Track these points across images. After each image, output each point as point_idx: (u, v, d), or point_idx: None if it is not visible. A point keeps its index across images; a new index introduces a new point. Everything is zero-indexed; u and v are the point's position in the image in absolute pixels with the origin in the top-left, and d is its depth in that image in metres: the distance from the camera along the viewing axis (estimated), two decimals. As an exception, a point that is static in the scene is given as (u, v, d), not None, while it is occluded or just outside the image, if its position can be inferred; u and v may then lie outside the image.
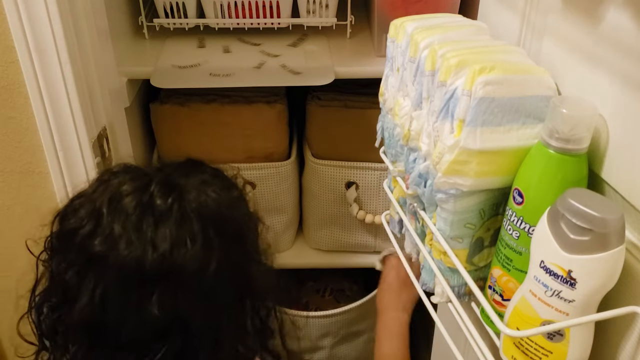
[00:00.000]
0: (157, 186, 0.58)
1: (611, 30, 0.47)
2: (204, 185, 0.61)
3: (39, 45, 0.70)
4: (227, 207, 0.61)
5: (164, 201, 0.57)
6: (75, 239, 0.57)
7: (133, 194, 0.58)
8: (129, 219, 0.56)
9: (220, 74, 0.91)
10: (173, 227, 0.56)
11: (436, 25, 0.62)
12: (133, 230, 0.56)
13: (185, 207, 0.58)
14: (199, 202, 0.59)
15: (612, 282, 0.45)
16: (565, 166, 0.48)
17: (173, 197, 0.58)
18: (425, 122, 0.58)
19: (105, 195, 0.58)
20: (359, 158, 1.02)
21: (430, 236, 0.61)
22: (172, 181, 0.60)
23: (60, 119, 0.75)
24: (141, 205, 0.57)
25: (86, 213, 0.58)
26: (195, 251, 0.56)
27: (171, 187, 0.59)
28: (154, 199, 0.57)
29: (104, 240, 0.56)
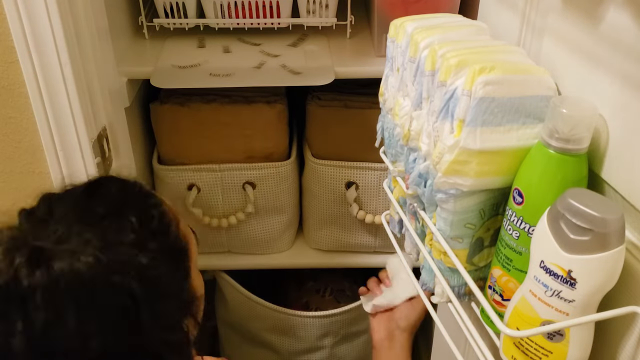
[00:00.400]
0: (22, 258, 0.49)
1: (611, 30, 0.47)
2: (81, 251, 0.50)
3: (39, 46, 0.70)
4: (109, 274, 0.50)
5: (30, 280, 0.48)
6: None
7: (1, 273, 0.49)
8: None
9: (220, 74, 0.91)
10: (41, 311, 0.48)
11: (436, 25, 0.62)
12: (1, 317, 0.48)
13: (53, 287, 0.48)
14: (72, 276, 0.49)
15: (612, 282, 0.45)
16: (565, 166, 0.48)
17: (39, 274, 0.48)
18: (425, 122, 0.58)
19: None
20: (359, 158, 1.02)
21: (430, 236, 0.61)
22: (40, 253, 0.50)
23: (60, 119, 0.75)
24: (7, 285, 0.48)
25: None
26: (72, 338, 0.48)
27: (37, 261, 0.49)
28: (20, 279, 0.48)
29: None
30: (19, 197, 0.82)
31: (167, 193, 1.06)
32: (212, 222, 1.06)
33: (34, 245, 0.51)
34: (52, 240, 0.51)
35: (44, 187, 0.80)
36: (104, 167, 0.80)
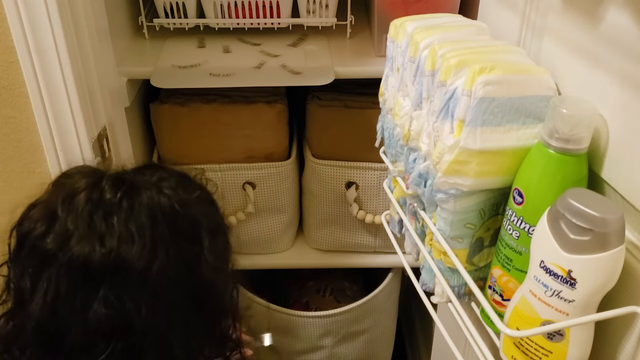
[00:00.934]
0: (108, 181, 0.57)
1: (611, 30, 0.47)
2: (159, 182, 0.59)
3: (39, 45, 0.70)
4: (182, 205, 0.59)
5: (113, 195, 0.56)
6: (29, 241, 0.56)
7: (85, 190, 0.56)
8: (80, 215, 0.55)
9: (220, 74, 0.91)
10: (121, 222, 0.55)
11: (436, 25, 0.62)
12: (83, 226, 0.55)
13: (134, 202, 0.56)
14: (150, 197, 0.57)
15: (612, 282, 0.45)
16: (565, 166, 0.48)
17: (122, 192, 0.56)
18: (425, 122, 0.58)
19: (59, 196, 0.57)
20: (359, 158, 1.02)
21: (430, 236, 0.61)
22: (124, 177, 0.58)
23: (60, 119, 0.75)
24: (92, 201, 0.56)
25: (40, 216, 0.57)
26: (142, 246, 0.55)
27: (122, 182, 0.57)
28: (105, 194, 0.56)
29: (55, 238, 0.55)
30: (19, 197, 0.82)
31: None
32: (212, 222, 1.06)
33: (117, 174, 0.59)
34: (132, 174, 0.60)
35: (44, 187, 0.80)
36: (104, 167, 0.80)
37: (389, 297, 1.20)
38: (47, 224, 0.56)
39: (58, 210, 0.56)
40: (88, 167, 0.63)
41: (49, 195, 0.60)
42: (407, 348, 1.56)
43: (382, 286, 1.15)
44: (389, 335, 1.27)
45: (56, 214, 0.56)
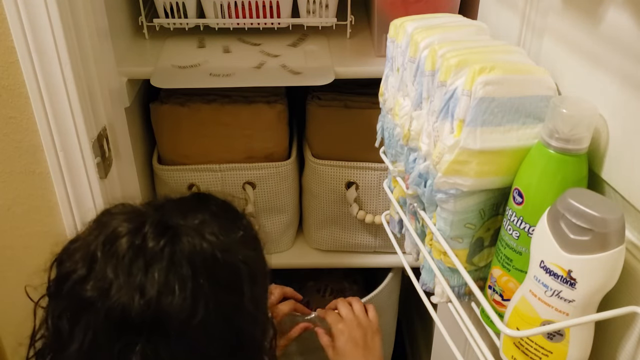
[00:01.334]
0: (150, 227, 0.56)
1: (611, 30, 0.47)
2: (201, 226, 0.57)
3: (39, 45, 0.70)
4: (224, 253, 0.57)
5: (156, 243, 0.54)
6: (69, 283, 0.56)
7: (127, 235, 0.55)
8: (121, 262, 0.54)
9: (220, 74, 0.91)
10: (162, 272, 0.54)
11: (436, 25, 0.62)
12: (124, 275, 0.54)
13: (176, 251, 0.55)
14: (193, 245, 0.55)
15: (612, 282, 0.45)
16: (565, 166, 0.48)
17: (165, 240, 0.55)
18: (425, 122, 0.58)
19: (100, 238, 0.56)
20: (359, 158, 1.02)
21: (430, 236, 0.61)
22: (167, 222, 0.57)
23: (60, 119, 0.75)
24: (133, 248, 0.55)
25: (80, 257, 0.56)
26: (183, 299, 0.53)
27: (165, 229, 0.56)
28: (147, 241, 0.55)
29: (96, 285, 0.54)
30: (19, 197, 0.82)
31: (167, 193, 1.06)
32: (212, 222, 1.06)
33: (160, 217, 0.57)
34: (174, 217, 0.58)
35: (44, 187, 0.80)
36: (104, 167, 0.80)
37: (389, 297, 1.20)
38: (88, 268, 0.55)
39: (98, 253, 0.55)
40: (131, 206, 0.60)
41: (90, 233, 0.58)
42: (407, 348, 1.56)
43: (382, 286, 1.15)
44: (389, 335, 1.27)
45: (96, 257, 0.55)
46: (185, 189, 1.04)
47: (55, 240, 0.85)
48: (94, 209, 0.81)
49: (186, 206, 0.61)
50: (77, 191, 0.80)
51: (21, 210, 0.83)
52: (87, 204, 0.81)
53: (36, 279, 0.62)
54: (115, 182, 0.85)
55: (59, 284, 0.58)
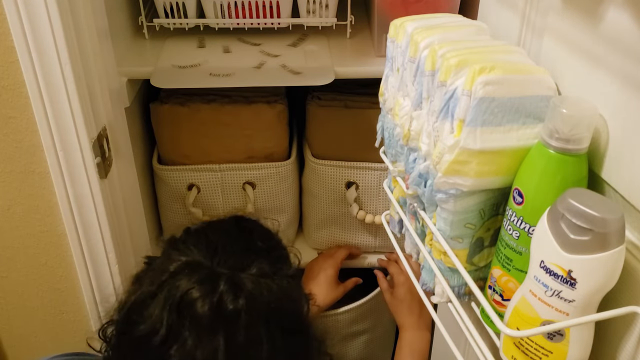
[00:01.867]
0: (225, 286, 0.59)
1: (611, 30, 0.47)
2: (265, 279, 0.61)
3: (39, 45, 0.70)
4: (288, 301, 0.62)
5: (234, 305, 0.58)
6: (149, 345, 0.58)
7: (202, 298, 0.58)
8: (201, 325, 0.57)
9: (220, 74, 0.91)
10: (242, 333, 0.58)
11: (436, 25, 0.62)
12: (206, 337, 0.57)
13: (252, 310, 0.58)
14: (263, 300, 0.60)
15: (612, 282, 0.45)
16: (565, 166, 0.48)
17: (241, 300, 0.58)
18: (425, 122, 0.58)
19: (174, 300, 0.59)
20: (359, 158, 1.02)
21: (430, 236, 0.61)
22: (237, 280, 0.60)
23: (60, 119, 0.75)
24: (211, 311, 0.58)
25: (157, 318, 0.59)
26: (264, 353, 0.58)
27: (237, 287, 0.59)
28: (225, 304, 0.58)
29: (179, 348, 0.57)
30: (19, 197, 0.82)
31: (167, 193, 1.06)
32: (212, 222, 1.06)
33: (226, 273, 0.60)
34: (233, 268, 0.61)
35: (44, 187, 0.80)
36: (104, 167, 0.80)
37: (389, 297, 1.20)
38: (166, 331, 0.58)
39: (174, 318, 0.58)
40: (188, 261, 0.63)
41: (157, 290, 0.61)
42: (407, 348, 1.56)
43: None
44: (389, 335, 1.27)
45: (173, 321, 0.58)
46: (185, 189, 1.04)
47: (55, 240, 0.86)
48: (94, 209, 0.81)
49: (239, 244, 0.65)
50: (77, 191, 0.80)
51: (21, 210, 0.83)
52: (87, 204, 0.81)
53: None
54: (115, 182, 0.85)
55: (134, 344, 0.61)
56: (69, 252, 0.87)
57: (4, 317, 0.93)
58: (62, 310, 0.93)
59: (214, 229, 0.69)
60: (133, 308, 0.62)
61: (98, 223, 0.83)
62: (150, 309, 0.60)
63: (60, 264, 0.88)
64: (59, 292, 0.91)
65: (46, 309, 0.93)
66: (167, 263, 0.63)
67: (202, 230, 0.69)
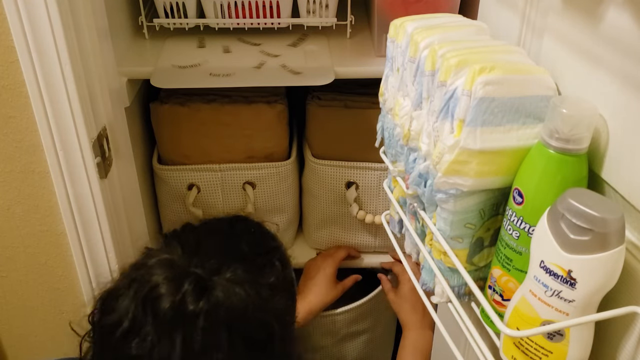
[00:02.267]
0: (189, 286, 0.58)
1: (611, 30, 0.47)
2: (235, 283, 0.60)
3: (39, 45, 0.70)
4: (257, 311, 0.60)
5: (195, 306, 0.58)
6: (114, 335, 0.59)
7: (166, 295, 0.58)
8: (162, 323, 0.57)
9: (220, 74, 0.91)
10: (200, 336, 0.57)
11: (436, 25, 0.62)
12: (164, 336, 0.57)
13: (214, 314, 0.58)
14: (229, 308, 0.59)
15: (612, 282, 0.45)
16: (565, 166, 0.48)
17: (203, 302, 0.58)
18: (425, 122, 0.58)
19: (140, 294, 0.59)
20: (359, 158, 1.02)
21: (430, 236, 0.61)
22: (204, 282, 0.59)
23: (60, 119, 0.75)
24: (172, 309, 0.58)
25: (124, 311, 0.59)
26: None
27: (202, 289, 0.59)
28: (186, 303, 0.58)
29: (139, 343, 0.58)
30: (19, 196, 0.82)
31: (167, 193, 1.06)
32: (212, 222, 1.06)
33: (196, 274, 0.60)
34: (208, 271, 0.60)
35: (44, 187, 0.80)
36: (104, 167, 0.80)
37: (389, 297, 1.20)
38: (130, 324, 0.58)
39: (140, 310, 0.58)
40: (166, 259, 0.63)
41: (130, 285, 0.61)
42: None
43: (382, 286, 1.15)
44: (389, 335, 1.27)
45: (137, 315, 0.58)
46: (185, 189, 1.04)
47: (55, 239, 0.86)
48: (94, 209, 0.81)
49: (223, 246, 0.65)
50: (77, 191, 0.80)
51: (21, 210, 0.83)
52: (87, 204, 0.81)
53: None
54: (115, 182, 0.85)
55: (103, 332, 0.62)
56: (68, 251, 0.87)
57: (4, 317, 0.93)
58: (62, 310, 0.93)
59: (206, 228, 0.69)
60: (108, 297, 0.62)
61: (98, 223, 0.83)
62: (121, 299, 0.60)
63: (60, 263, 0.88)
64: (59, 292, 0.91)
65: (46, 308, 0.93)
66: (148, 257, 0.63)
67: (196, 228, 0.69)
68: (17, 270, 0.89)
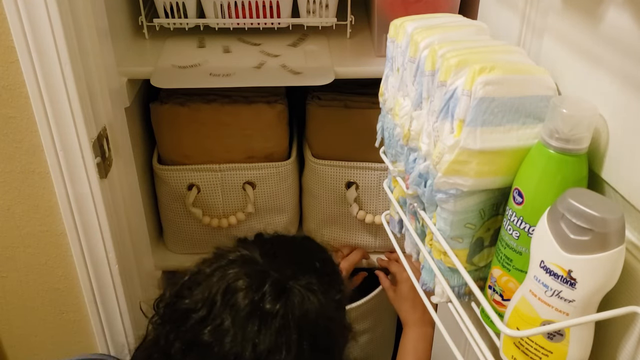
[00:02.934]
0: (269, 287, 0.63)
1: (611, 30, 0.47)
2: (310, 290, 0.65)
3: (39, 45, 0.70)
4: (326, 320, 0.65)
5: (272, 306, 0.62)
6: (188, 320, 0.62)
7: (246, 290, 0.62)
8: (239, 315, 0.61)
9: (220, 74, 0.91)
10: (274, 333, 0.61)
11: (436, 25, 0.62)
12: (239, 327, 0.61)
13: (289, 315, 0.62)
14: (303, 312, 0.63)
15: (612, 282, 0.45)
16: (565, 166, 0.48)
17: (281, 304, 0.62)
18: (425, 122, 0.58)
19: (221, 285, 0.63)
20: (359, 158, 1.02)
21: (430, 236, 0.61)
22: (283, 284, 0.64)
23: (60, 119, 0.75)
24: (252, 304, 0.61)
25: (201, 298, 0.63)
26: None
27: (281, 291, 0.63)
28: (264, 302, 0.62)
29: (213, 330, 0.61)
30: (19, 197, 0.82)
31: (167, 193, 1.06)
32: (212, 222, 1.06)
33: (276, 276, 0.64)
34: (285, 276, 0.65)
35: (44, 187, 0.80)
36: (104, 167, 0.80)
37: (389, 297, 1.20)
38: (206, 310, 0.62)
39: (218, 301, 0.62)
40: (249, 258, 0.67)
41: (211, 273, 0.65)
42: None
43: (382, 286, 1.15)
44: (389, 335, 1.27)
45: (215, 302, 0.62)
46: (185, 189, 1.04)
47: (55, 239, 0.86)
48: (94, 209, 0.82)
49: (298, 258, 0.70)
50: (77, 191, 0.80)
51: (21, 210, 0.83)
52: (87, 204, 0.81)
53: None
54: (115, 182, 0.85)
55: (176, 316, 0.65)
56: (68, 251, 0.87)
57: (4, 317, 0.93)
58: (62, 310, 0.93)
59: (279, 240, 0.74)
60: (186, 284, 0.66)
61: (98, 223, 0.83)
62: (199, 288, 0.64)
63: (60, 263, 0.88)
64: (59, 292, 0.91)
65: (46, 308, 0.93)
66: (228, 252, 0.68)
67: (271, 238, 0.75)
68: (17, 270, 0.89)
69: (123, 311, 0.92)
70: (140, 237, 0.97)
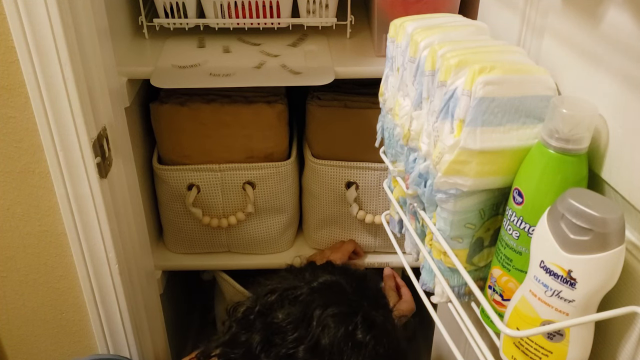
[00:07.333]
0: (361, 318, 0.68)
1: (611, 30, 0.47)
2: (387, 323, 0.71)
3: (39, 45, 0.70)
4: (398, 353, 0.71)
5: (363, 337, 0.67)
6: (281, 334, 0.66)
7: (340, 317, 0.67)
8: (334, 336, 0.65)
9: (220, 74, 0.91)
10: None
11: (436, 25, 0.62)
12: (336, 348, 0.65)
13: (378, 348, 0.67)
14: (389, 346, 0.68)
15: (612, 282, 0.45)
16: (565, 166, 0.48)
17: (371, 336, 0.67)
18: (425, 122, 0.58)
19: (316, 304, 0.68)
20: (359, 158, 1.02)
21: (430, 236, 0.61)
22: (373, 319, 0.69)
23: (60, 119, 0.75)
24: (346, 332, 0.66)
25: (296, 316, 0.67)
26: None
27: (371, 325, 0.68)
28: (357, 331, 0.67)
29: (310, 348, 0.65)
30: (19, 197, 0.82)
31: (167, 193, 1.06)
32: (212, 222, 1.06)
33: (365, 307, 0.70)
34: (373, 308, 0.71)
35: (44, 187, 0.80)
36: (104, 167, 0.80)
37: (389, 297, 1.20)
38: (303, 329, 0.66)
39: (314, 322, 0.66)
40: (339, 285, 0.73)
41: (307, 296, 0.70)
42: (407, 348, 1.56)
43: (382, 286, 1.15)
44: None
45: (311, 324, 0.66)
46: (185, 189, 1.04)
47: (55, 240, 0.86)
48: (94, 209, 0.81)
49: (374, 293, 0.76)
50: (77, 191, 0.80)
51: (21, 210, 0.83)
52: (87, 204, 0.81)
53: None
54: (115, 182, 0.85)
55: (269, 329, 0.68)
56: (68, 252, 0.87)
57: (4, 317, 0.93)
58: (62, 310, 0.93)
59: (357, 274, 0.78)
60: (282, 294, 0.70)
61: (98, 223, 0.83)
62: (294, 306, 0.68)
63: (60, 263, 0.88)
64: (59, 292, 0.91)
65: (46, 309, 0.93)
66: (319, 272, 0.74)
67: (347, 269, 0.80)
68: (17, 270, 0.89)
69: (123, 311, 0.91)
70: (140, 237, 0.97)
